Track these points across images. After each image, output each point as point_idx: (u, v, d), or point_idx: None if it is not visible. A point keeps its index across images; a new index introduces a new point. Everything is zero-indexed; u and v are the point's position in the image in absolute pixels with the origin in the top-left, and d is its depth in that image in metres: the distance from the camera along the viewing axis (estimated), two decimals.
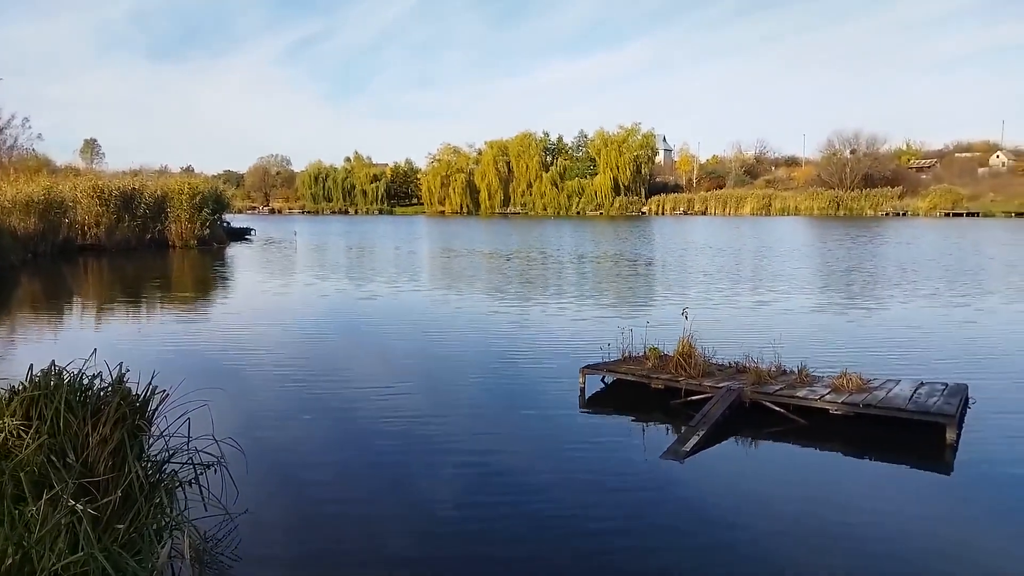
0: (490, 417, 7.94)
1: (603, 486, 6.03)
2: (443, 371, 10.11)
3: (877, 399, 7.31)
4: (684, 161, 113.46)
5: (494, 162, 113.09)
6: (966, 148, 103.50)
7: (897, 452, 6.76)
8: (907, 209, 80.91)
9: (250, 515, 5.05)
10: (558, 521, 5.32)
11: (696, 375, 8.33)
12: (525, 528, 5.22)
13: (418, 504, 5.62)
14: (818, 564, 4.70)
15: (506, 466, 6.43)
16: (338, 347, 11.89)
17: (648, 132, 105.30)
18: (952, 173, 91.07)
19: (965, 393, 7.78)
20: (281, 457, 6.66)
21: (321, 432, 7.43)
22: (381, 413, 7.98)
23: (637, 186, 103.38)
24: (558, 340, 12.12)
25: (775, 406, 7.60)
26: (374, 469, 6.37)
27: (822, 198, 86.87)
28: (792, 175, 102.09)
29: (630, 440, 7.32)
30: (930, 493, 5.99)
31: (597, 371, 8.96)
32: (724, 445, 6.93)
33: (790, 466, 6.57)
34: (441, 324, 13.92)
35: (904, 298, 16.90)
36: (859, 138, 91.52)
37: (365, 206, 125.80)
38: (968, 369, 9.64)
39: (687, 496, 5.85)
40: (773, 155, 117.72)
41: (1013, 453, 6.68)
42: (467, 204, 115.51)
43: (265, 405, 8.37)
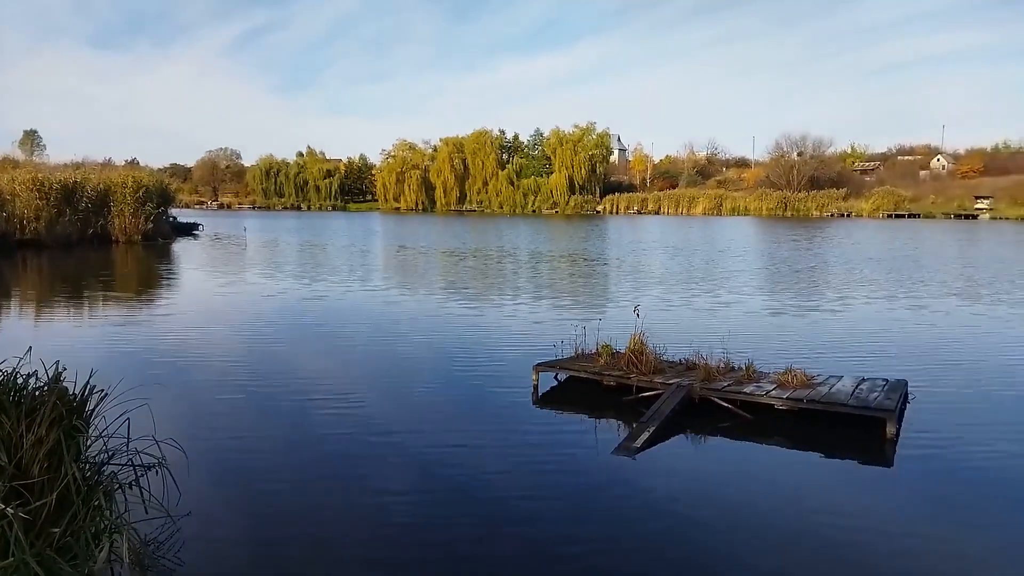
0: (443, 415, 7.89)
1: (555, 482, 6.05)
2: (396, 370, 10.02)
3: (820, 395, 7.52)
4: (638, 161, 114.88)
5: (450, 159, 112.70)
6: (908, 152, 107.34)
7: (840, 446, 6.96)
8: (851, 210, 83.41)
9: (193, 517, 4.92)
10: (510, 517, 5.33)
11: (647, 372, 8.43)
12: (478, 525, 5.21)
13: (370, 503, 5.56)
14: (765, 555, 4.80)
15: (458, 464, 6.40)
16: (287, 346, 11.66)
17: (603, 132, 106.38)
18: (894, 175, 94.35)
19: (904, 389, 8.05)
20: (226, 457, 6.50)
21: (268, 432, 7.28)
22: (331, 412, 7.86)
23: (592, 185, 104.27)
24: (512, 338, 12.14)
25: (723, 402, 7.75)
26: (324, 469, 6.27)
27: (771, 199, 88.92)
28: (742, 176, 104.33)
29: (582, 436, 7.38)
30: (871, 486, 6.17)
31: (550, 368, 9.00)
32: (674, 441, 7.03)
33: (738, 460, 6.71)
34: (395, 323, 13.80)
35: (847, 296, 17.42)
36: (806, 141, 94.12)
37: (319, 202, 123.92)
38: (907, 365, 9.99)
39: (638, 491, 5.92)
40: (724, 156, 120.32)
41: (950, 446, 6.93)
42: (422, 201, 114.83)
43: (209, 405, 8.17)
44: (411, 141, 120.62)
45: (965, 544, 5.01)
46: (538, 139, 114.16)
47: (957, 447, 6.90)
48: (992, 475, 6.20)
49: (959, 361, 10.49)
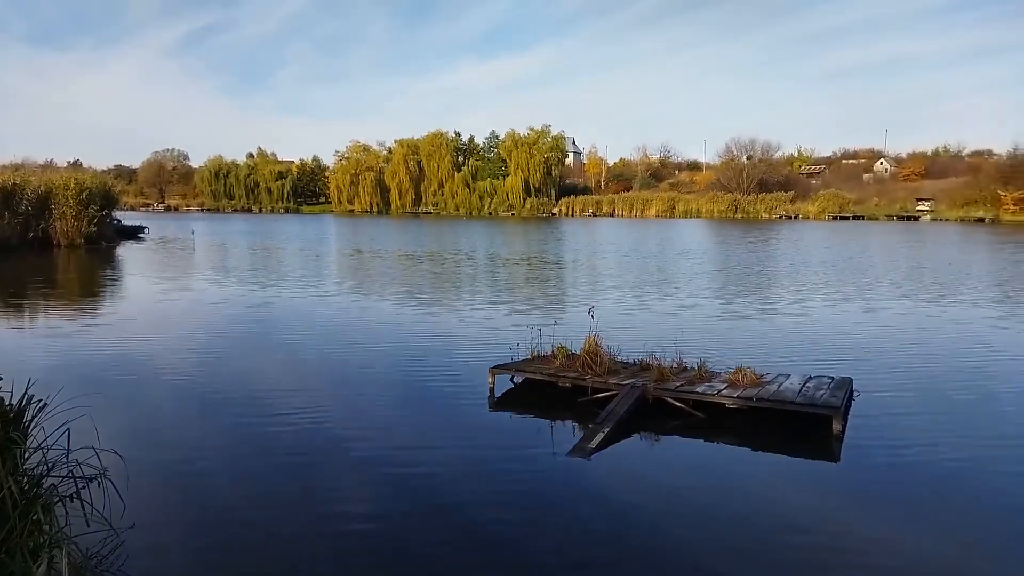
0: (397, 421, 7.82)
1: (511, 484, 6.06)
2: (349, 375, 9.89)
3: (769, 393, 7.69)
4: (593, 164, 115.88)
5: (405, 161, 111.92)
6: (852, 155, 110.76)
7: (788, 443, 7.13)
8: (798, 212, 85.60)
9: (138, 529, 4.77)
10: (465, 520, 5.31)
11: (602, 373, 8.51)
12: (433, 529, 5.17)
13: (323, 510, 5.47)
14: (717, 550, 4.89)
15: (413, 469, 6.35)
16: (236, 354, 11.38)
17: (558, 135, 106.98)
18: (839, 178, 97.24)
19: (850, 386, 8.29)
20: (172, 467, 6.32)
21: (216, 441, 7.11)
22: (282, 420, 7.71)
23: (548, 188, 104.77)
24: (469, 342, 12.11)
25: (676, 402, 7.86)
26: (275, 477, 6.15)
27: (722, 201, 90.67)
28: (694, 179, 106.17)
29: (538, 438, 7.40)
30: (818, 480, 6.34)
31: (506, 371, 9.00)
32: (629, 441, 7.10)
33: (690, 459, 6.81)
34: (348, 328, 13.62)
35: (795, 297, 17.87)
36: (755, 145, 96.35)
37: (270, 204, 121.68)
38: (853, 363, 10.29)
39: (593, 491, 5.96)
40: (677, 159, 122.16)
41: (893, 441, 7.16)
42: (377, 203, 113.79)
43: (154, 415, 7.94)
44: (365, 143, 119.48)
45: (906, 536, 5.18)
46: (494, 142, 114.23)
47: (900, 443, 7.12)
48: (933, 470, 6.43)
49: (902, 359, 10.84)
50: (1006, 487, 6.00)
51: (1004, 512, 5.53)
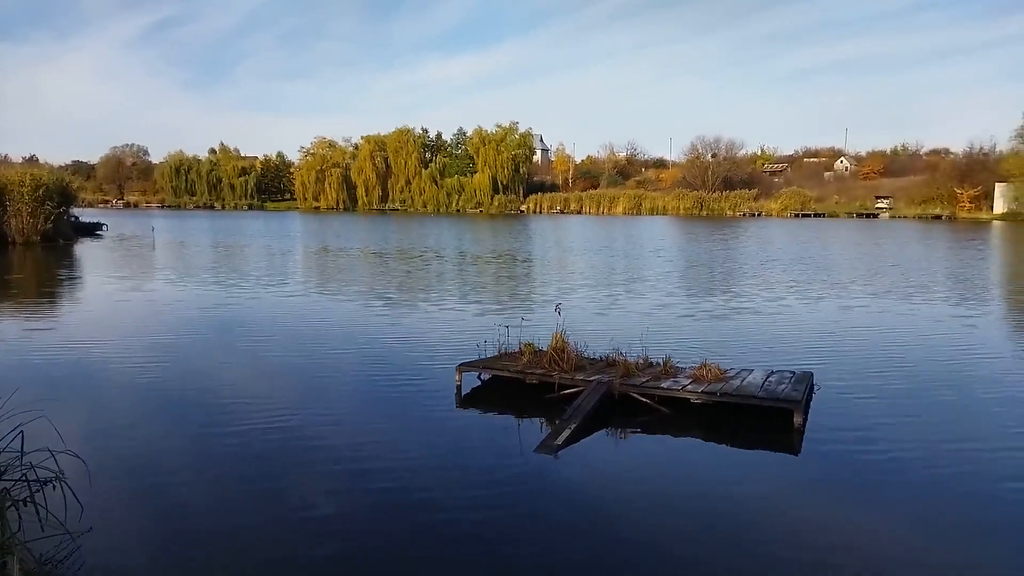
0: (364, 420, 7.77)
1: (477, 481, 6.06)
2: (314, 375, 9.78)
3: (733, 388, 7.81)
4: (560, 161, 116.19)
5: (371, 157, 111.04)
6: (814, 154, 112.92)
7: (751, 436, 7.26)
8: (762, 210, 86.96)
9: (95, 533, 4.66)
10: (433, 518, 5.29)
11: (569, 369, 8.54)
12: (400, 526, 5.15)
13: (287, 511, 5.40)
14: (682, 542, 4.95)
15: (379, 467, 6.31)
16: (199, 354, 11.16)
17: (525, 132, 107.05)
18: (801, 177, 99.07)
19: (810, 380, 8.46)
20: (132, 469, 6.19)
21: (179, 442, 6.98)
22: (246, 420, 7.60)
23: (515, 185, 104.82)
24: (436, 339, 12.06)
25: (642, 397, 7.93)
26: (238, 478, 6.06)
27: (687, 199, 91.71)
28: (660, 176, 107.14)
29: (505, 435, 7.41)
30: (780, 473, 6.46)
31: (473, 368, 8.99)
32: (595, 437, 7.15)
33: (656, 453, 6.88)
34: (314, 327, 13.46)
35: (758, 293, 18.16)
36: (719, 143, 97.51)
37: (233, 201, 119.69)
38: (814, 357, 10.50)
39: (560, 487, 5.99)
40: (643, 157, 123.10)
41: (853, 434, 7.32)
42: (344, 200, 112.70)
43: (113, 416, 7.76)
44: (331, 139, 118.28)
45: (864, 526, 5.31)
46: (461, 138, 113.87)
47: (859, 435, 7.29)
48: (890, 461, 6.58)
49: (861, 353, 11.08)
50: (963, 477, 6.16)
51: (961, 501, 5.68)
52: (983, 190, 74.27)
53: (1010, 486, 5.92)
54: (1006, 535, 5.10)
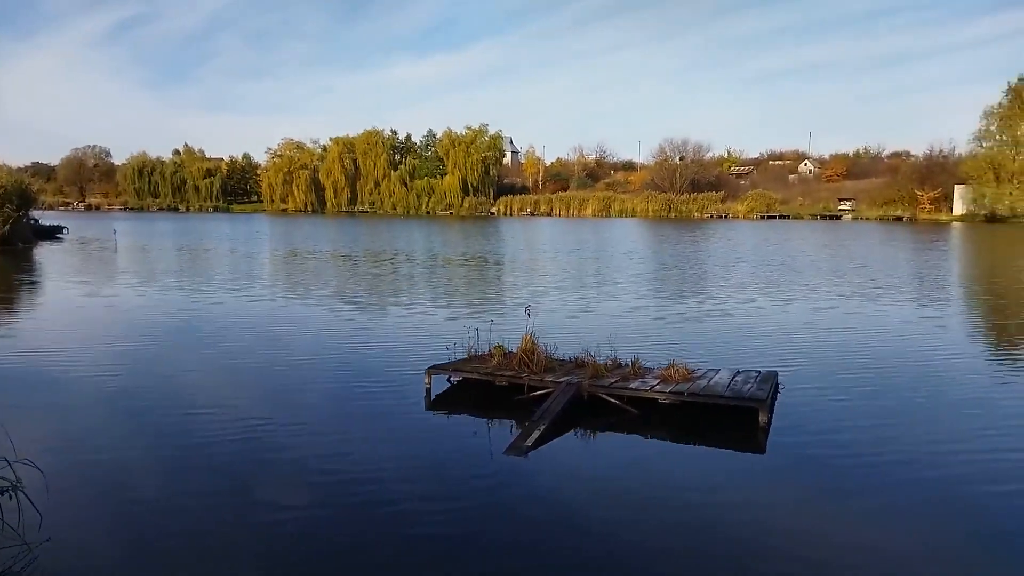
0: (333, 425, 7.69)
1: (447, 484, 6.05)
2: (281, 380, 9.65)
3: (700, 387, 7.90)
4: (530, 163, 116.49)
5: (340, 159, 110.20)
6: (779, 156, 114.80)
7: (718, 436, 7.34)
8: (728, 212, 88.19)
9: (54, 543, 4.54)
10: (402, 521, 5.26)
11: (538, 371, 8.57)
12: (369, 530, 5.11)
13: (255, 516, 5.33)
14: (649, 542, 4.99)
15: (349, 472, 6.25)
16: (163, 360, 10.90)
17: (495, 134, 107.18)
18: (766, 179, 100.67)
19: (775, 380, 8.59)
20: (93, 477, 6.05)
21: (142, 450, 6.84)
22: (212, 427, 7.47)
23: (486, 187, 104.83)
24: (406, 342, 12.00)
25: (611, 398, 7.98)
26: (205, 486, 5.94)
27: (656, 201, 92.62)
28: (629, 179, 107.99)
29: (475, 438, 7.40)
30: (745, 471, 6.55)
31: (443, 371, 8.97)
32: (565, 438, 7.17)
33: (624, 454, 6.93)
34: (281, 331, 13.28)
35: (725, 293, 18.41)
36: (687, 146, 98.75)
37: (198, 203, 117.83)
38: (780, 357, 10.67)
39: (529, 488, 6.00)
40: (612, 159, 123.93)
41: (817, 432, 7.44)
42: (312, 202, 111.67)
43: (75, 424, 7.57)
44: (299, 140, 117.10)
45: (830, 524, 5.41)
46: (431, 140, 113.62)
47: (823, 433, 7.41)
48: (855, 459, 6.70)
49: (826, 353, 11.29)
50: (925, 474, 6.29)
51: (923, 498, 5.79)
52: (943, 192, 76.24)
53: (975, 486, 6.01)
54: (970, 534, 5.20)
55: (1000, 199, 69.75)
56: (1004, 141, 72.24)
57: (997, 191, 69.90)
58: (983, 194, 70.79)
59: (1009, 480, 6.17)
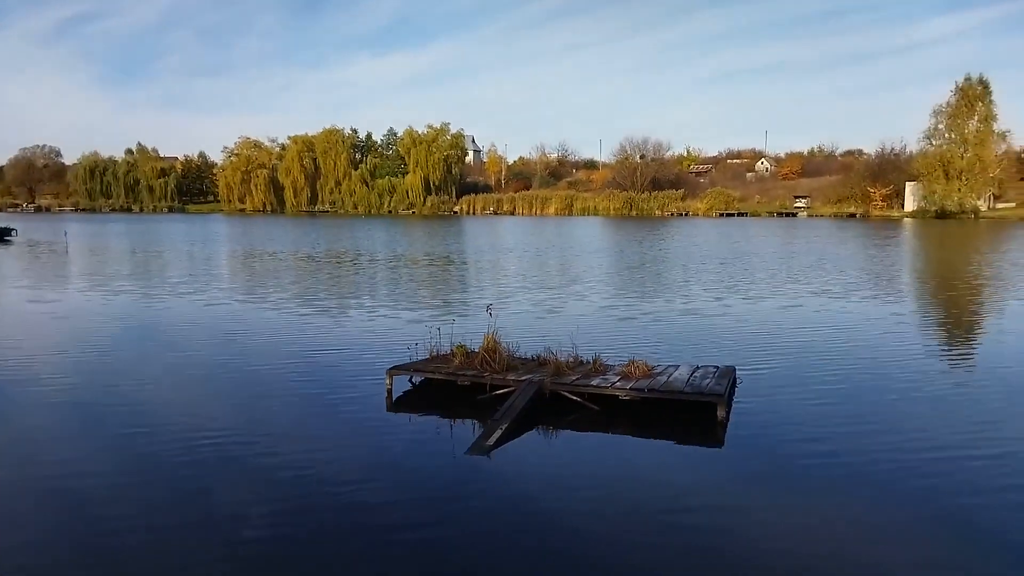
0: (294, 429, 7.58)
1: (409, 485, 6.02)
2: (240, 384, 9.49)
3: (659, 383, 8.00)
4: (492, 162, 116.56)
5: (299, 158, 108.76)
6: (736, 155, 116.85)
7: (677, 430, 7.45)
8: (688, 209, 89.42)
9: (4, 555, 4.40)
10: (364, 523, 5.23)
11: (501, 370, 8.57)
12: (331, 533, 5.07)
13: (217, 523, 5.23)
14: (612, 537, 5.04)
15: (310, 476, 6.19)
16: (117, 365, 10.61)
17: (457, 132, 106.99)
18: (725, 177, 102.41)
19: (733, 374, 8.75)
20: (47, 488, 5.86)
21: (97, 458, 6.65)
22: (170, 433, 7.31)
23: (448, 186, 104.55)
24: (367, 344, 11.90)
25: (572, 395, 8.04)
26: (164, 493, 5.81)
27: (617, 199, 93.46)
28: (591, 177, 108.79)
29: (437, 438, 7.39)
30: (704, 464, 6.66)
31: (404, 372, 8.92)
32: (527, 436, 7.20)
33: (586, 450, 6.99)
34: (239, 334, 13.01)
35: (684, 290, 18.67)
36: (647, 144, 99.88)
37: (152, 203, 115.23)
38: (736, 352, 10.85)
39: (492, 487, 6.02)
40: (574, 158, 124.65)
41: (772, 425, 7.60)
42: (270, 202, 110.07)
43: (26, 433, 7.35)
44: (256, 138, 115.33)
45: (785, 513, 5.54)
46: (392, 139, 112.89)
47: (779, 426, 7.58)
48: (809, 450, 6.87)
49: (782, 347, 11.53)
50: (879, 466, 6.44)
51: (878, 490, 5.94)
52: (894, 189, 78.39)
53: (928, 479, 6.15)
54: (923, 518, 5.36)
55: (949, 195, 72.00)
56: (953, 139, 74.58)
57: (946, 188, 72.14)
58: (933, 191, 72.99)
59: (960, 466, 6.39)
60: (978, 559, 4.81)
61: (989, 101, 73.74)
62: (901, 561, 4.77)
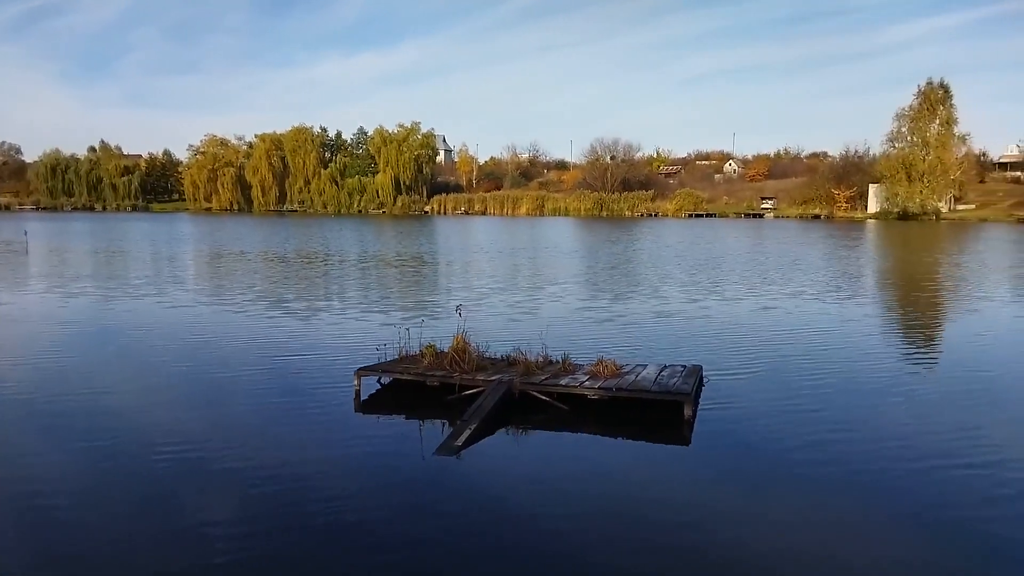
0: (261, 431, 7.47)
1: (378, 486, 5.99)
2: (206, 386, 9.32)
3: (628, 383, 8.06)
4: (464, 162, 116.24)
5: (267, 156, 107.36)
6: (705, 156, 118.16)
7: (645, 429, 7.51)
8: (658, 210, 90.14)
9: None
10: (335, 524, 5.20)
11: (470, 370, 8.56)
12: (302, 535, 5.02)
13: (186, 530, 5.13)
14: (579, 534, 5.07)
15: (278, 478, 6.11)
16: (80, 369, 10.35)
17: (428, 132, 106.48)
18: (694, 178, 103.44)
19: (700, 373, 8.84)
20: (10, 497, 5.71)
21: (61, 466, 6.47)
22: (135, 438, 7.16)
23: (419, 185, 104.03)
24: (335, 345, 11.78)
25: (541, 395, 8.05)
26: (130, 499, 5.68)
27: (588, 200, 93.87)
28: (562, 178, 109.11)
29: (406, 439, 7.35)
30: (671, 462, 6.74)
31: (372, 372, 8.85)
32: (496, 436, 7.20)
33: (555, 449, 7.01)
34: (205, 336, 12.71)
35: (654, 290, 18.82)
36: (618, 145, 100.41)
37: (116, 202, 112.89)
38: (703, 351, 10.98)
39: (460, 487, 6.01)
40: (545, 159, 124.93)
41: (738, 422, 7.71)
42: (238, 201, 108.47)
43: None
44: (223, 136, 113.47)
45: (750, 507, 5.62)
46: (362, 138, 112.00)
47: (745, 423, 7.68)
48: (774, 447, 6.98)
49: (747, 346, 11.68)
50: (843, 461, 6.57)
51: (842, 487, 6.05)
52: (858, 191, 79.88)
53: (893, 476, 6.26)
54: (889, 523, 5.42)
55: (911, 197, 73.59)
56: (915, 142, 76.23)
57: (909, 190, 73.71)
58: (896, 192, 74.54)
59: (920, 457, 6.57)
60: (941, 555, 4.93)
61: (950, 105, 75.59)
62: (864, 557, 4.87)
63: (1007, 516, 5.43)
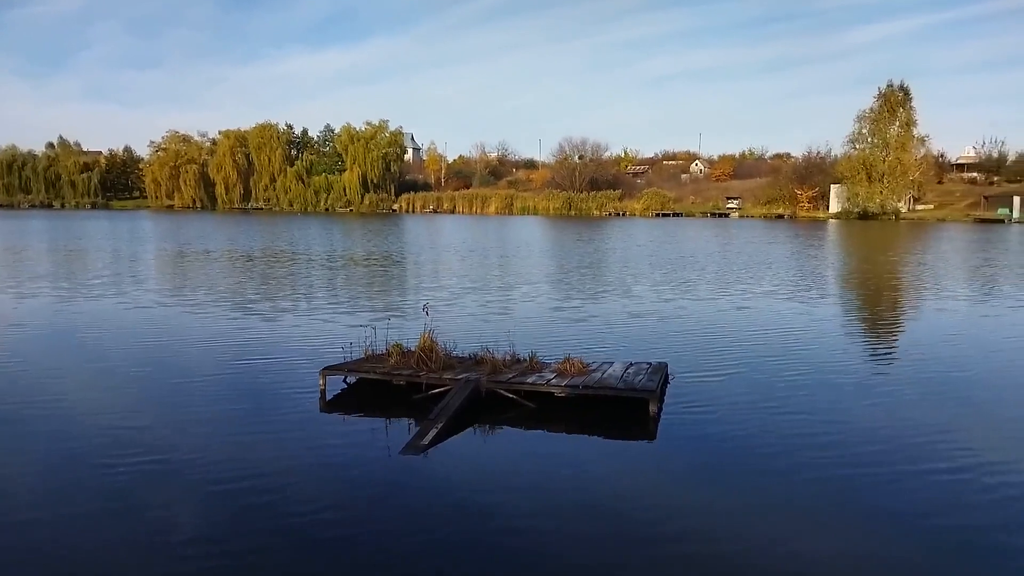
0: (225, 432, 7.34)
1: (344, 486, 5.96)
2: (169, 388, 9.13)
3: (594, 380, 8.12)
4: (432, 160, 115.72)
5: (231, 153, 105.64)
6: (672, 156, 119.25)
7: (611, 426, 7.57)
8: (626, 210, 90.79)
9: None
10: (301, 524, 5.15)
11: (437, 369, 8.53)
12: (268, 537, 4.98)
13: (150, 534, 5.03)
14: (546, 532, 5.10)
15: (243, 479, 6.02)
16: (39, 370, 10.06)
17: (396, 130, 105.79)
18: (661, 178, 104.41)
19: (665, 370, 8.94)
20: None
21: (20, 475, 6.29)
22: (97, 440, 7.01)
23: (387, 183, 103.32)
24: (300, 344, 11.64)
25: (508, 393, 8.07)
26: (93, 503, 5.54)
27: (557, 199, 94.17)
28: (531, 177, 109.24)
29: (372, 438, 7.30)
30: (636, 458, 6.81)
31: (338, 372, 8.78)
32: (463, 435, 7.19)
33: (522, 447, 7.04)
34: (168, 337, 12.39)
35: (620, 288, 18.97)
36: (586, 145, 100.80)
37: (75, 199, 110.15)
38: (669, 348, 11.10)
39: (427, 486, 5.99)
40: (514, 157, 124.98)
41: (702, 419, 7.80)
42: (201, 198, 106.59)
43: None
44: (185, 133, 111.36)
45: (714, 502, 5.71)
46: (329, 135, 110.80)
47: (709, 420, 7.78)
48: (739, 443, 7.08)
49: (713, 343, 11.83)
50: (806, 457, 6.68)
51: (804, 480, 6.17)
52: (820, 191, 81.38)
53: (857, 470, 6.37)
54: (854, 517, 5.52)
55: (872, 197, 75.21)
56: (875, 143, 77.89)
57: (869, 190, 75.32)
58: (856, 193, 76.10)
59: (885, 452, 6.72)
60: (905, 550, 5.03)
61: (909, 107, 77.36)
62: (826, 550, 4.98)
63: (973, 511, 5.58)
